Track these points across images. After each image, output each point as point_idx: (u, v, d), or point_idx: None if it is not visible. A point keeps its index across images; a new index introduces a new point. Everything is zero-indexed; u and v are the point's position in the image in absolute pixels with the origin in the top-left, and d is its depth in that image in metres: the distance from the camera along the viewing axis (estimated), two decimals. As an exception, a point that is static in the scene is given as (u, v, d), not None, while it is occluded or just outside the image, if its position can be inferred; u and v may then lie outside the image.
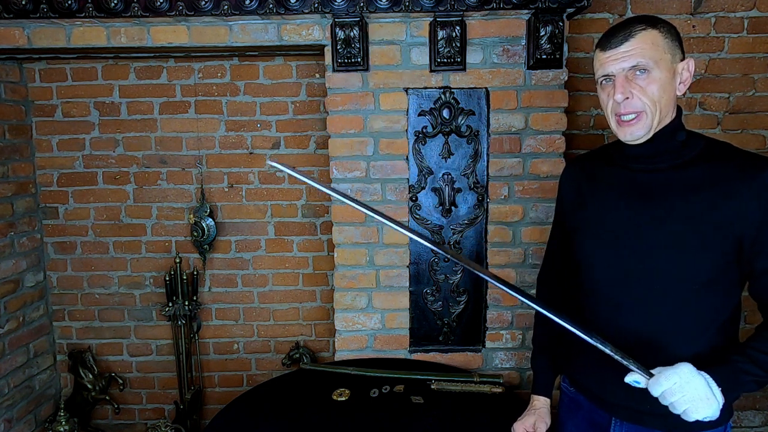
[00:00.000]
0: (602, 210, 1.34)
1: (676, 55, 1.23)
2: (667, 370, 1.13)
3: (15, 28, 2.14)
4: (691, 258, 1.21)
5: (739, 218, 1.17)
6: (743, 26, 2.47)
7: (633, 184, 1.29)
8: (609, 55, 1.22)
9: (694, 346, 1.24)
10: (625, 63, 1.20)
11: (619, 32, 1.21)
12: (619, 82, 1.21)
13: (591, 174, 1.41)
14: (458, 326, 2.28)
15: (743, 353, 1.17)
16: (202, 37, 2.16)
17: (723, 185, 1.19)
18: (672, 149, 1.26)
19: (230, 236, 2.76)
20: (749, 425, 2.74)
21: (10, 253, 2.55)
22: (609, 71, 1.23)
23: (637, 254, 1.26)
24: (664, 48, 1.20)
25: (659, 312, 1.25)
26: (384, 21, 2.12)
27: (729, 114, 2.54)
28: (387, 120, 2.18)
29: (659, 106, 1.21)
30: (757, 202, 1.16)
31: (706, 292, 1.22)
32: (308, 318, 2.82)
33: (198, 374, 2.82)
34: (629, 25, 1.22)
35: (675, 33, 1.24)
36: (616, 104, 1.23)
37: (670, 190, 1.24)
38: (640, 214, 1.26)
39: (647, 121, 1.22)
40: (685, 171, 1.24)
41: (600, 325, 1.32)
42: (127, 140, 2.70)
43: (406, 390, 2.00)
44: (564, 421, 1.53)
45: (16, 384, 2.58)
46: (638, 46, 1.19)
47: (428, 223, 2.23)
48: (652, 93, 1.20)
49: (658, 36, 1.20)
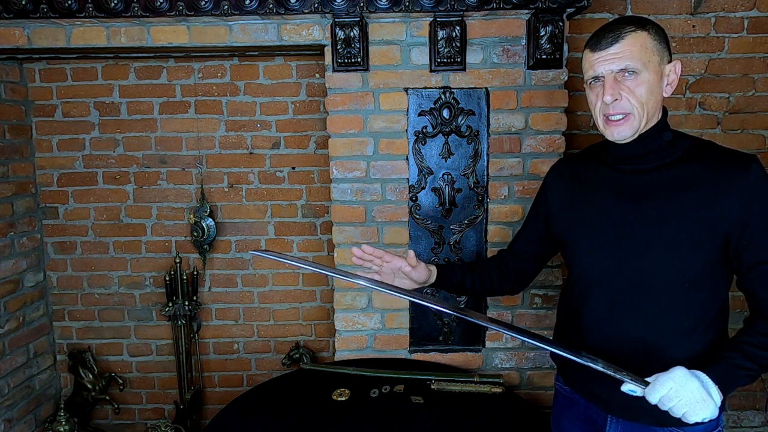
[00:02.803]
0: (592, 211, 1.35)
1: (664, 57, 1.24)
2: (662, 377, 1.14)
3: (15, 28, 2.14)
4: (680, 256, 1.22)
5: (725, 215, 1.19)
6: (743, 26, 2.47)
7: (621, 184, 1.31)
8: (598, 57, 1.23)
9: (685, 343, 1.25)
10: (615, 65, 1.21)
11: (609, 33, 1.22)
12: (608, 84, 1.22)
13: (579, 175, 1.43)
14: (458, 326, 2.28)
15: (737, 349, 1.18)
16: (202, 37, 2.16)
17: (709, 183, 1.20)
18: (658, 149, 1.27)
19: (230, 236, 2.76)
20: (749, 425, 2.74)
21: (10, 253, 2.55)
22: (598, 72, 1.24)
23: (628, 254, 1.27)
24: (652, 50, 1.22)
25: (651, 311, 1.26)
26: (384, 21, 2.12)
27: (729, 114, 2.54)
28: (387, 120, 2.18)
29: (647, 107, 1.23)
30: (742, 198, 1.18)
31: (696, 290, 1.24)
32: (308, 318, 2.82)
33: (198, 374, 2.82)
34: (619, 26, 1.22)
35: (663, 35, 1.25)
36: (604, 105, 1.24)
37: (658, 190, 1.25)
38: (630, 214, 1.27)
39: (634, 122, 1.23)
40: (671, 170, 1.25)
41: (595, 326, 1.34)
42: (127, 140, 2.70)
43: (406, 390, 2.00)
44: (559, 419, 1.54)
45: (16, 384, 2.58)
46: (628, 49, 1.20)
47: (428, 223, 2.23)
48: (641, 95, 1.21)
49: (647, 38, 1.21)
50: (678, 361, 1.18)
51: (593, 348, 1.33)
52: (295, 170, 2.71)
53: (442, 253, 2.24)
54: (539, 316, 2.27)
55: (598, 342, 1.33)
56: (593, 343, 1.34)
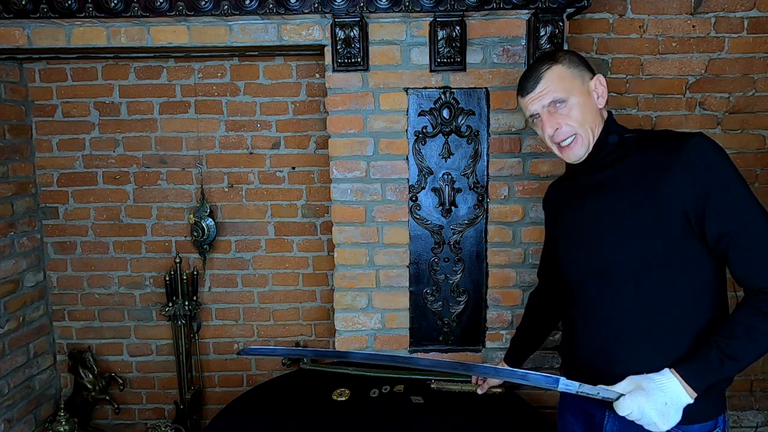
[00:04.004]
0: (566, 218, 1.48)
1: (585, 77, 1.39)
2: (623, 401, 1.24)
3: (15, 28, 2.14)
4: (642, 244, 1.27)
5: (678, 194, 1.22)
6: (743, 26, 2.47)
7: (584, 188, 1.42)
8: (528, 99, 1.40)
9: (669, 329, 1.27)
10: (543, 101, 1.38)
11: (530, 77, 1.39)
12: (545, 118, 1.39)
13: (559, 194, 1.56)
14: (458, 326, 2.28)
15: (711, 342, 1.21)
16: (202, 37, 2.16)
17: (657, 167, 1.26)
18: (607, 152, 1.38)
19: (230, 236, 2.76)
20: (749, 425, 2.74)
21: (10, 253, 2.55)
22: (533, 111, 1.41)
23: (596, 249, 1.35)
24: (570, 77, 1.37)
25: (622, 301, 1.31)
26: (384, 21, 2.12)
27: (729, 114, 2.54)
28: (387, 120, 2.18)
29: (587, 124, 1.37)
30: (689, 175, 1.21)
31: (666, 274, 1.26)
32: (308, 318, 2.82)
33: (198, 374, 2.82)
34: (535, 68, 1.39)
35: (577, 58, 1.41)
36: (549, 136, 1.39)
37: (613, 185, 1.34)
38: (592, 212, 1.38)
39: (583, 140, 1.38)
40: (622, 165, 1.34)
41: (582, 322, 1.41)
42: (127, 140, 2.70)
43: (406, 390, 2.00)
44: (563, 412, 1.58)
45: (16, 384, 2.58)
46: (548, 85, 1.36)
47: (428, 223, 2.23)
48: (576, 117, 1.36)
49: (562, 69, 1.37)
50: (655, 348, 1.27)
51: (582, 345, 1.41)
52: (295, 170, 2.71)
53: (442, 253, 2.24)
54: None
55: (588, 337, 1.40)
56: (584, 341, 1.41)
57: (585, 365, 1.41)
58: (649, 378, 1.24)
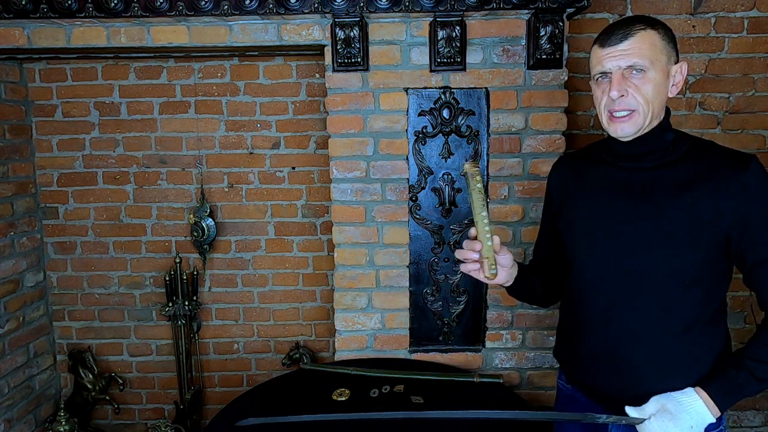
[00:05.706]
0: (592, 209, 1.35)
1: (672, 58, 1.25)
2: (649, 425, 1.21)
3: (15, 28, 2.14)
4: (679, 255, 1.23)
5: (725, 214, 1.19)
6: (743, 26, 2.47)
7: (622, 182, 1.31)
8: (607, 52, 1.23)
9: (682, 342, 1.26)
10: (623, 61, 1.22)
11: (619, 30, 1.22)
12: (615, 80, 1.23)
13: (579, 173, 1.43)
14: (458, 326, 2.28)
15: (739, 364, 1.20)
16: (202, 37, 2.16)
17: (709, 183, 1.21)
18: (660, 149, 1.28)
19: (230, 236, 2.76)
20: (749, 425, 2.74)
21: (10, 253, 2.55)
22: (606, 68, 1.24)
23: (627, 252, 1.27)
24: (661, 49, 1.22)
25: (649, 309, 1.27)
26: (384, 21, 2.12)
27: (729, 114, 2.54)
28: (387, 120, 2.18)
29: (652, 106, 1.23)
30: (742, 197, 1.19)
31: (694, 288, 1.24)
32: (308, 318, 2.82)
33: (198, 374, 2.82)
34: (629, 23, 1.23)
35: (672, 36, 1.26)
36: (610, 101, 1.24)
37: (658, 188, 1.25)
38: (630, 212, 1.28)
39: (639, 119, 1.24)
40: (672, 169, 1.26)
41: (594, 325, 1.34)
42: (127, 140, 2.70)
43: (406, 390, 2.00)
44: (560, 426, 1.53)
45: (16, 384, 2.58)
46: (636, 46, 1.21)
47: (428, 223, 2.23)
48: (647, 93, 1.22)
49: (656, 37, 1.22)
50: (674, 359, 1.23)
51: (592, 347, 1.35)
52: (295, 170, 2.71)
53: (442, 253, 2.24)
54: (539, 316, 2.27)
55: (597, 340, 1.34)
56: (592, 343, 1.35)
57: (595, 370, 1.36)
58: (674, 399, 1.21)
